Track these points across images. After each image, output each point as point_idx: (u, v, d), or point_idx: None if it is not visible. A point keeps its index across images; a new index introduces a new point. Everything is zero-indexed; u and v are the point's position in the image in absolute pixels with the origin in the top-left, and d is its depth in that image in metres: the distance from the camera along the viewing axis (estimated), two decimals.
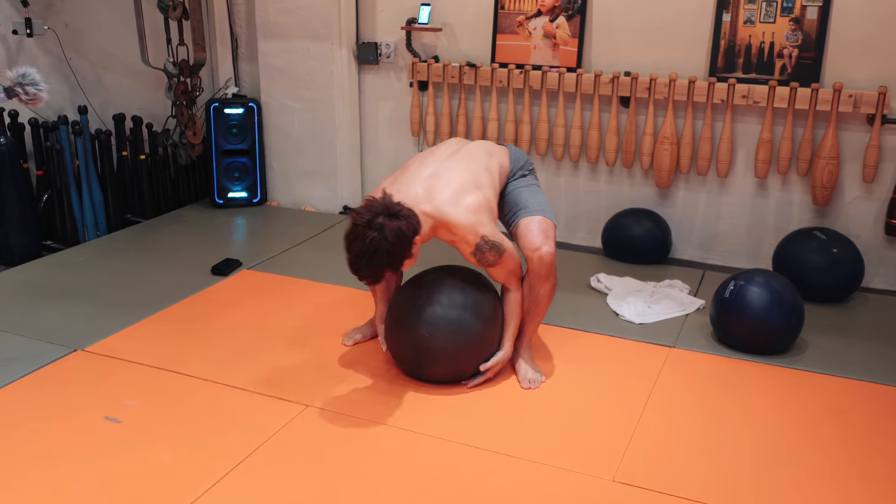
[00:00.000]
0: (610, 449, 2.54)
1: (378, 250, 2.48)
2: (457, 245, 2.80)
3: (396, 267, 2.61)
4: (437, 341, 2.78)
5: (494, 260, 2.79)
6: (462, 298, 2.83)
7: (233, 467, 2.40)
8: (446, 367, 2.84)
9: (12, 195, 4.09)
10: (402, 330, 2.86)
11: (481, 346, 2.87)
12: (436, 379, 2.87)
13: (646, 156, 4.13)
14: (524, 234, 2.87)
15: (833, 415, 2.78)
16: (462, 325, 2.80)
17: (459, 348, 2.81)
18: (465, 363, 2.85)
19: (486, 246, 2.75)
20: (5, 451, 2.47)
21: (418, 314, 2.81)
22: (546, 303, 2.95)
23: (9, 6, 4.15)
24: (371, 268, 2.54)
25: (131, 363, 3.01)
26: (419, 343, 2.80)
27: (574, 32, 4.17)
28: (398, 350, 2.92)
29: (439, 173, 2.81)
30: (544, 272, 2.85)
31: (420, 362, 2.86)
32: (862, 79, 3.73)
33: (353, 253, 2.53)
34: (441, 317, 2.79)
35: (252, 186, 4.90)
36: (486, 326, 2.86)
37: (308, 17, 4.56)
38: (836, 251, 3.65)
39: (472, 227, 2.73)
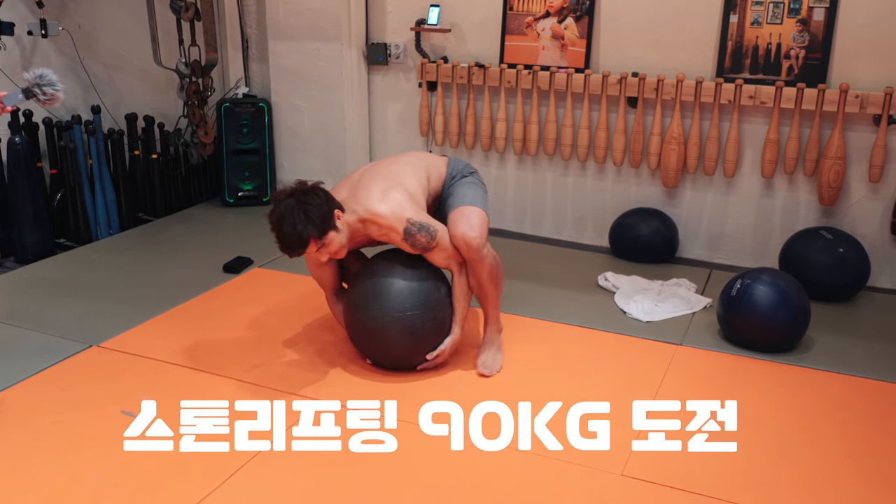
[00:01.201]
0: (618, 444, 2.57)
1: (297, 211, 2.64)
2: (390, 238, 2.89)
3: (318, 229, 2.67)
4: (391, 321, 2.87)
5: (427, 242, 2.86)
6: (405, 282, 2.91)
7: (249, 459, 2.45)
8: (403, 344, 2.92)
9: (26, 194, 4.14)
10: (355, 314, 2.96)
11: (431, 325, 2.94)
12: (394, 358, 2.98)
13: (653, 156, 4.17)
14: (450, 224, 2.96)
15: (838, 412, 2.81)
16: (411, 312, 2.89)
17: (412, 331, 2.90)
18: (421, 339, 2.94)
19: (413, 228, 2.83)
20: (26, 442, 2.52)
21: (368, 297, 2.91)
22: (491, 285, 3.00)
23: (24, 7, 4.20)
24: (294, 230, 2.64)
25: (146, 358, 3.05)
26: (374, 325, 2.90)
27: (582, 33, 4.21)
28: (355, 333, 3.02)
29: (362, 178, 2.99)
30: (473, 256, 2.91)
31: (378, 343, 2.95)
32: (868, 80, 3.76)
33: (275, 220, 2.69)
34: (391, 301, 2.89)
35: (262, 185, 4.95)
36: (432, 308, 2.94)
37: (318, 18, 4.60)
38: (842, 251, 3.68)
39: (395, 213, 2.83)
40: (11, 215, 4.17)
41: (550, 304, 3.61)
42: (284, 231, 2.68)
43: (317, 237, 2.69)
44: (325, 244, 2.73)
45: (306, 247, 2.70)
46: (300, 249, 2.71)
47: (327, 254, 2.77)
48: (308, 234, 2.67)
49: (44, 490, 2.32)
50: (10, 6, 4.12)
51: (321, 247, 2.74)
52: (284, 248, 2.73)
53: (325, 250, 2.76)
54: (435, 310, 2.94)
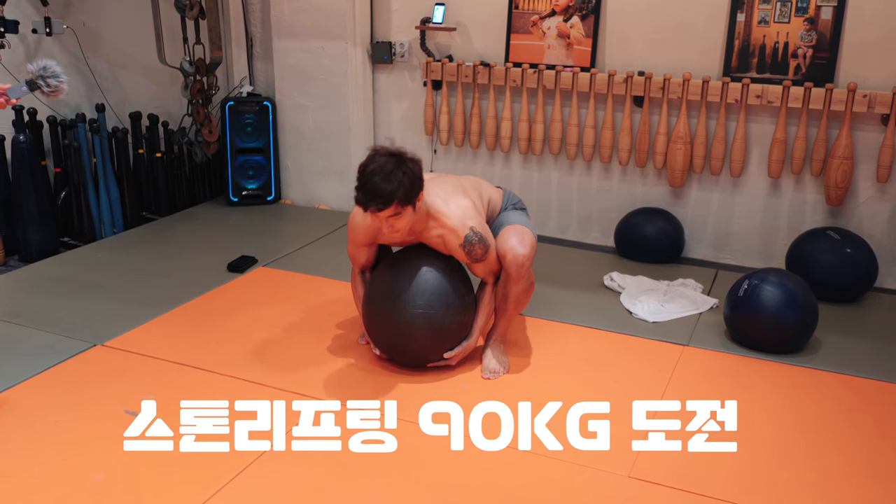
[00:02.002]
0: (624, 445, 2.55)
1: (395, 170, 2.60)
2: (446, 239, 2.86)
3: (406, 196, 2.63)
4: (419, 315, 2.84)
5: (482, 254, 2.86)
6: (440, 279, 2.89)
7: (253, 460, 2.44)
8: (425, 340, 2.89)
9: (30, 192, 4.13)
10: (383, 304, 2.91)
11: (457, 328, 2.94)
12: (412, 354, 2.95)
13: (659, 155, 4.14)
14: (502, 238, 2.96)
15: (845, 413, 2.79)
16: (442, 302, 2.87)
17: (440, 323, 2.87)
18: (443, 338, 2.92)
19: (475, 237, 2.83)
20: (29, 441, 2.51)
21: (400, 289, 2.87)
22: (517, 304, 3.00)
23: (28, 5, 4.19)
24: (386, 185, 2.58)
25: (150, 358, 3.04)
26: (401, 317, 2.86)
27: (588, 32, 4.19)
28: (379, 323, 2.95)
29: (429, 183, 2.90)
30: (514, 272, 2.90)
31: (401, 335, 2.90)
32: (876, 79, 3.73)
33: (369, 170, 2.61)
34: (424, 290, 2.85)
35: (266, 184, 4.94)
36: (461, 311, 2.93)
37: (323, 17, 4.59)
38: (849, 251, 3.66)
39: (461, 218, 2.83)
40: (15, 214, 4.16)
41: (556, 305, 3.59)
42: (375, 181, 2.59)
43: (400, 203, 2.63)
44: (399, 214, 2.67)
45: (388, 206, 2.62)
46: (381, 206, 2.61)
47: (392, 228, 2.71)
48: (396, 195, 2.60)
49: (47, 490, 2.31)
50: (14, 4, 4.11)
51: (394, 215, 2.67)
52: (366, 198, 2.62)
53: (395, 221, 2.69)
54: (462, 312, 2.94)
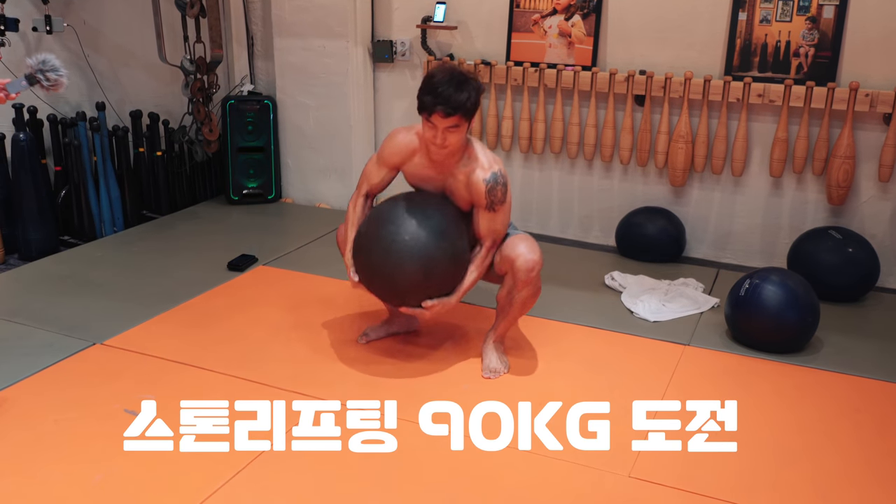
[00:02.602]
0: (625, 445, 2.54)
1: (469, 79, 2.69)
2: (471, 176, 2.83)
3: (471, 110, 2.70)
4: (412, 247, 2.77)
5: (501, 197, 2.85)
6: (442, 221, 2.86)
7: (252, 460, 2.43)
8: (413, 275, 2.79)
9: (31, 190, 4.13)
10: (379, 228, 2.86)
11: (445, 275, 2.86)
12: (395, 287, 2.84)
13: (660, 154, 4.13)
14: (511, 244, 2.90)
15: (848, 414, 2.78)
16: (440, 240, 2.81)
17: (434, 262, 2.80)
18: (430, 280, 2.82)
19: (500, 178, 2.84)
20: (28, 441, 2.51)
21: (400, 218, 2.83)
22: (522, 308, 2.97)
23: (29, 3, 4.19)
24: (457, 93, 2.64)
25: (149, 357, 3.04)
26: (394, 244, 2.79)
27: (589, 31, 4.18)
28: (369, 247, 2.87)
29: None
30: (524, 276, 2.86)
31: (389, 263, 2.80)
32: (878, 78, 3.72)
33: (437, 79, 2.68)
34: (421, 226, 2.80)
35: (267, 183, 4.93)
36: (453, 259, 2.86)
37: (324, 15, 4.58)
38: (851, 250, 3.65)
39: (491, 161, 2.87)
40: (16, 212, 4.15)
41: (556, 304, 3.58)
42: (446, 88, 2.65)
43: (464, 115, 2.69)
44: (457, 128, 2.71)
45: (456, 113, 2.66)
46: (449, 111, 2.66)
47: (443, 142, 2.73)
48: (465, 105, 2.67)
49: (46, 490, 2.30)
50: (15, 2, 4.10)
51: (453, 127, 2.71)
52: (435, 101, 2.66)
53: (449, 135, 2.72)
54: (454, 263, 2.85)
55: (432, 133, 2.74)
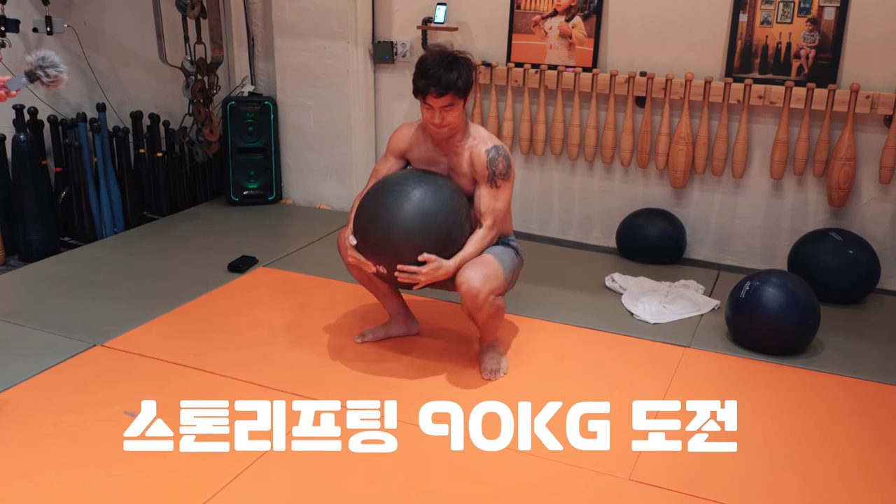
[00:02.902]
0: (625, 448, 2.54)
1: (456, 61, 2.78)
2: (474, 150, 2.89)
3: (463, 88, 2.78)
4: (416, 201, 2.78)
5: (503, 169, 2.89)
6: (448, 190, 2.88)
7: (252, 462, 2.43)
8: (413, 226, 2.76)
9: (31, 191, 4.12)
10: (382, 188, 2.89)
11: (446, 237, 2.83)
12: (393, 238, 2.78)
13: (661, 156, 4.13)
14: (464, 268, 2.83)
15: (847, 416, 2.78)
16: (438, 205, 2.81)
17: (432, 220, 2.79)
18: (430, 234, 2.78)
19: (502, 151, 2.90)
20: (28, 443, 2.51)
21: (405, 180, 2.87)
22: (488, 328, 2.94)
23: (29, 4, 4.18)
24: (447, 73, 2.74)
25: (149, 358, 3.04)
26: (397, 197, 2.80)
27: (590, 32, 4.18)
28: (371, 205, 2.86)
29: None
30: (468, 303, 2.81)
31: (390, 212, 2.79)
32: (879, 80, 3.72)
33: (428, 62, 2.78)
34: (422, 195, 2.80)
35: (267, 184, 4.93)
36: (456, 224, 2.85)
37: (324, 16, 4.58)
38: (851, 252, 3.64)
39: (492, 137, 2.95)
40: (16, 213, 4.15)
41: (557, 306, 3.58)
42: (436, 70, 2.75)
43: (457, 93, 2.78)
44: (453, 106, 2.80)
45: (448, 92, 2.75)
46: (441, 91, 2.75)
47: (442, 121, 2.80)
48: (455, 84, 2.75)
49: (45, 492, 2.30)
50: (15, 3, 4.10)
51: (448, 106, 2.79)
52: (427, 83, 2.76)
53: (446, 114, 2.80)
54: (457, 229, 2.83)
55: (430, 114, 2.83)
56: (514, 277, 3.03)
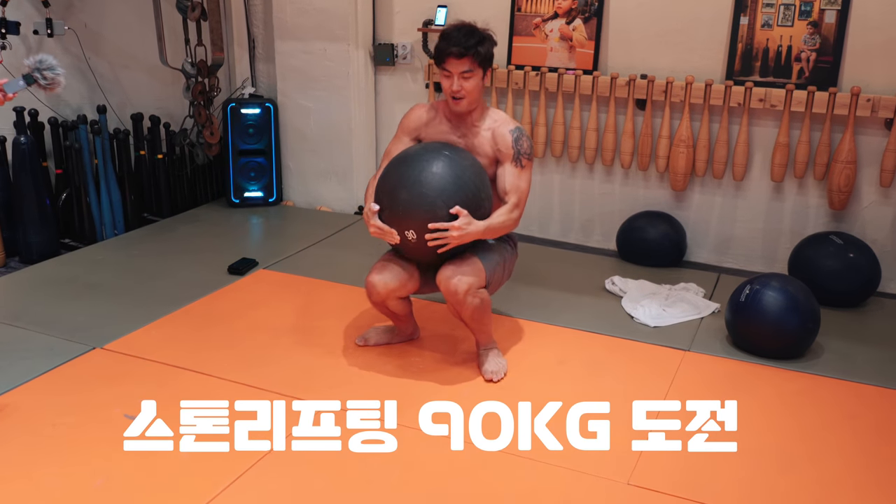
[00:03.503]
0: (624, 452, 2.54)
1: (477, 30, 2.88)
2: (497, 130, 2.93)
3: (483, 56, 2.85)
4: (444, 157, 2.80)
5: (528, 149, 2.94)
6: (472, 159, 2.91)
7: (252, 465, 2.43)
8: (444, 180, 2.74)
9: (31, 193, 4.13)
10: (409, 152, 2.90)
11: (475, 195, 2.81)
12: (424, 193, 2.74)
13: (661, 159, 4.13)
14: (444, 265, 2.83)
15: (847, 420, 2.78)
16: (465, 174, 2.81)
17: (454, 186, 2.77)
18: (460, 189, 2.77)
19: (525, 133, 2.96)
20: (28, 445, 2.51)
21: (430, 145, 2.92)
22: (476, 323, 2.92)
23: (30, 6, 4.20)
24: (468, 40, 2.82)
25: (149, 361, 3.04)
26: (425, 156, 2.82)
27: (590, 35, 4.18)
28: (397, 169, 2.84)
29: None
30: (450, 300, 2.83)
31: (420, 168, 2.77)
32: (880, 83, 3.72)
33: (454, 28, 2.87)
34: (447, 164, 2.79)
35: (268, 186, 4.93)
36: (481, 188, 2.85)
37: (325, 19, 4.58)
38: (851, 256, 3.64)
39: (512, 118, 3.01)
40: (16, 215, 4.16)
41: (557, 309, 3.58)
42: (457, 33, 2.83)
43: (476, 59, 2.82)
44: (472, 73, 2.84)
45: (466, 55, 2.80)
46: (462, 52, 2.80)
47: (460, 89, 2.84)
48: (476, 48, 2.82)
49: (46, 495, 2.30)
50: (15, 5, 4.11)
51: (467, 72, 2.83)
52: (447, 44, 2.82)
53: (464, 81, 2.84)
54: (482, 192, 2.83)
55: (448, 82, 2.87)
56: (505, 271, 3.04)
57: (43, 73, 2.53)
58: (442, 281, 2.82)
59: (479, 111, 2.98)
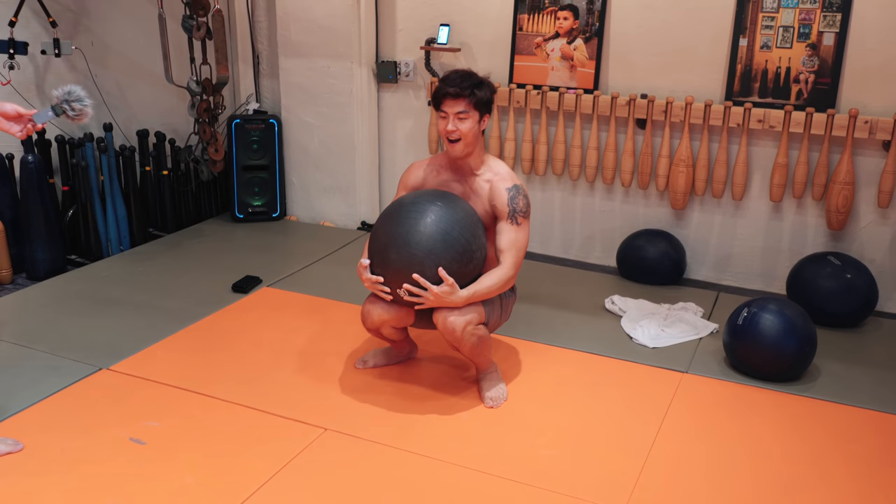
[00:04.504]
0: (622, 477, 2.58)
1: (475, 75, 2.95)
2: (494, 183, 2.95)
3: (479, 99, 2.90)
4: (435, 217, 2.79)
5: (524, 207, 2.95)
6: (467, 211, 2.91)
7: (254, 491, 2.47)
8: (433, 240, 2.75)
9: (39, 210, 4.19)
10: (401, 205, 2.90)
11: (463, 255, 2.81)
12: (412, 252, 2.76)
13: (661, 178, 4.17)
14: None
15: (844, 445, 2.81)
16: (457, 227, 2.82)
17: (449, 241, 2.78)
18: (449, 248, 2.78)
19: (522, 191, 2.97)
20: (36, 470, 2.55)
21: (423, 198, 2.90)
22: (476, 357, 2.95)
23: (38, 26, 4.25)
24: (464, 83, 2.89)
25: (154, 383, 3.08)
26: (417, 213, 2.81)
27: (591, 55, 4.22)
28: (389, 221, 2.86)
29: None
30: (448, 338, 2.86)
31: (410, 226, 2.79)
32: (878, 105, 3.75)
33: (453, 71, 2.96)
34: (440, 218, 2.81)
35: (272, 201, 4.98)
36: (473, 247, 2.85)
37: (328, 36, 4.63)
38: (849, 277, 3.67)
39: (513, 175, 3.01)
40: (24, 232, 4.21)
41: (556, 328, 3.62)
42: (458, 77, 2.91)
43: (472, 101, 2.89)
44: (468, 115, 2.89)
45: (463, 96, 2.87)
46: (458, 91, 2.87)
47: (455, 130, 2.88)
48: (472, 90, 2.88)
49: None
50: (24, 25, 4.16)
51: (463, 112, 2.88)
52: (444, 84, 2.90)
53: (460, 123, 2.89)
54: (475, 250, 2.84)
55: (444, 122, 2.92)
56: (503, 313, 3.06)
57: (71, 104, 2.58)
58: (439, 321, 2.83)
59: (478, 158, 3.00)
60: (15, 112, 2.52)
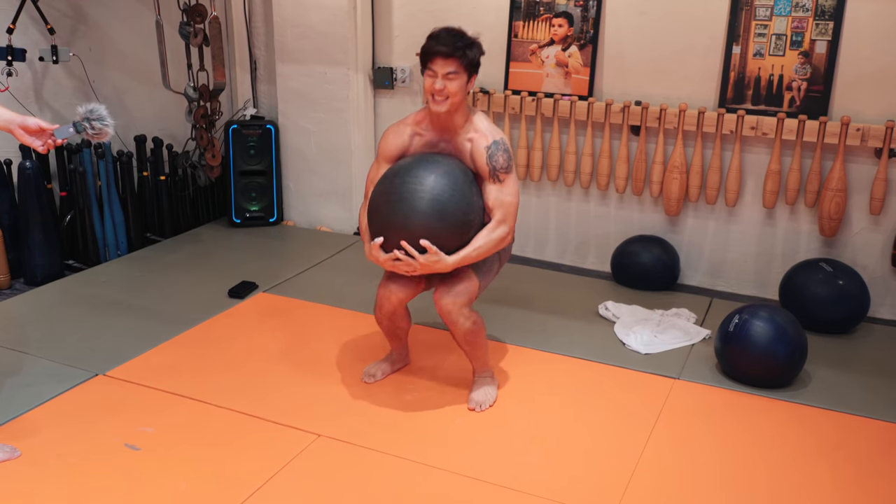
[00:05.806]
0: (612, 482, 2.61)
1: (465, 35, 2.85)
2: (475, 141, 2.89)
3: (469, 59, 2.82)
4: (427, 189, 2.77)
5: (504, 163, 2.89)
6: (457, 174, 2.87)
7: (248, 496, 2.49)
8: (427, 215, 2.76)
9: (36, 215, 4.21)
10: (392, 178, 2.87)
11: (458, 225, 2.82)
12: (408, 225, 2.77)
13: (655, 184, 4.19)
14: (441, 284, 2.90)
15: (832, 451, 2.83)
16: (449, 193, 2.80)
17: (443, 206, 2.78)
18: (444, 221, 2.78)
19: (502, 145, 2.90)
20: (32, 476, 2.57)
21: (414, 167, 2.86)
22: (470, 344, 2.97)
23: (36, 32, 4.27)
24: (456, 42, 2.80)
25: (150, 389, 3.11)
26: (408, 186, 2.79)
27: (586, 62, 4.24)
28: (382, 197, 2.86)
29: None
30: (444, 319, 2.91)
31: (404, 203, 2.78)
32: (870, 113, 3.78)
33: (443, 29, 2.85)
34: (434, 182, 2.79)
35: (269, 206, 5.00)
36: (466, 210, 2.83)
37: (325, 42, 4.66)
38: (841, 283, 3.69)
39: (493, 131, 2.94)
40: (21, 237, 4.23)
41: (550, 334, 3.64)
42: (445, 34, 2.81)
43: (461, 61, 2.80)
44: (456, 75, 2.80)
45: (454, 55, 2.78)
46: (450, 51, 2.78)
47: (443, 90, 2.79)
48: (462, 50, 2.79)
49: None
50: (21, 32, 4.19)
51: (452, 73, 2.80)
52: (434, 43, 2.81)
53: (448, 83, 2.79)
54: (468, 215, 2.82)
55: (432, 80, 2.82)
56: (498, 269, 3.08)
57: (92, 122, 2.61)
58: (437, 301, 2.90)
59: (463, 116, 2.92)
60: (37, 126, 2.55)
